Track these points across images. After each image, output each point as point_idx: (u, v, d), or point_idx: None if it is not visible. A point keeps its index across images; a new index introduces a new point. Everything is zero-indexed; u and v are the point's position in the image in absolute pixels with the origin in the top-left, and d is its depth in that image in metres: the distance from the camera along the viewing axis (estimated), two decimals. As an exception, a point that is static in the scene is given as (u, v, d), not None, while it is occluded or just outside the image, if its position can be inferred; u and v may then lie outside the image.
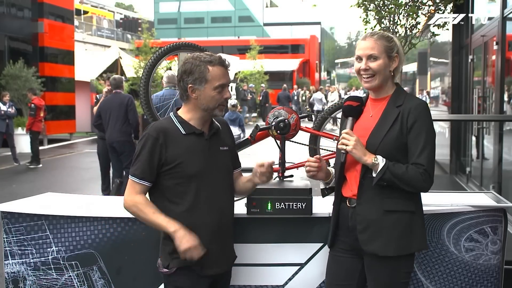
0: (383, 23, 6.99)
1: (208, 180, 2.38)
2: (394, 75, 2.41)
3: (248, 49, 29.74)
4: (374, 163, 2.26)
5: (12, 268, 2.82)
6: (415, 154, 2.25)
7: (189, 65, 2.36)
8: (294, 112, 3.08)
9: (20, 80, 15.10)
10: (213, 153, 2.43)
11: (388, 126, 2.30)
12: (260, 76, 28.06)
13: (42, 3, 17.18)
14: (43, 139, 15.78)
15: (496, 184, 6.70)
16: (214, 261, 2.40)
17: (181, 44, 3.29)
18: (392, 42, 2.37)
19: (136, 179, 2.35)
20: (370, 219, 2.31)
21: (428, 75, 17.59)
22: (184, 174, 2.34)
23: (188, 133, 2.38)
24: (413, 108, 2.29)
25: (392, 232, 2.28)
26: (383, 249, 2.29)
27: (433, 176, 2.27)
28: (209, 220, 2.37)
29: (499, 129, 6.73)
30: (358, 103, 2.45)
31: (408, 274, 2.37)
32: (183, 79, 2.37)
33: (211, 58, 2.37)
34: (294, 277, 2.84)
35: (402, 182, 2.24)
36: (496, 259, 2.84)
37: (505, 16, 6.48)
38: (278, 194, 2.72)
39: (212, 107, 2.39)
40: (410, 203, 2.31)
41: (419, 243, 2.34)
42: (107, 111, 7.26)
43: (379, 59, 2.34)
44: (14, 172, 11.17)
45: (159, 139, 2.32)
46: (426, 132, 2.26)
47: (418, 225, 2.34)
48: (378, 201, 2.30)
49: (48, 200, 3.13)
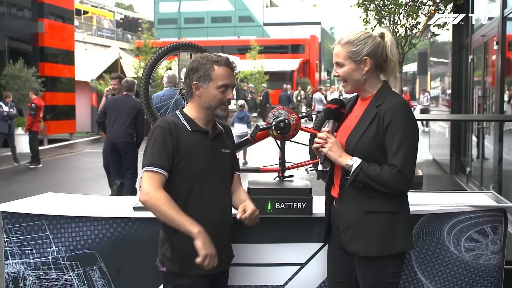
0: (383, 23, 6.99)
1: (210, 179, 2.40)
2: (386, 74, 2.37)
3: (248, 49, 29.75)
4: (348, 164, 2.26)
5: (12, 268, 2.82)
6: (391, 154, 2.22)
7: (196, 63, 2.40)
8: (294, 112, 3.08)
9: (20, 80, 15.11)
10: (216, 153, 2.45)
11: (365, 126, 2.28)
12: (260, 76, 28.07)
13: (42, 3, 17.18)
14: (43, 139, 15.79)
15: (496, 184, 6.71)
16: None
17: (181, 44, 3.29)
18: (359, 46, 2.30)
19: (155, 168, 2.28)
20: (351, 219, 2.32)
21: (428, 75, 17.59)
22: (190, 170, 2.35)
23: (194, 131, 2.40)
24: (389, 107, 2.24)
25: (372, 233, 2.27)
26: (364, 249, 2.28)
27: (411, 176, 2.22)
28: (210, 219, 2.38)
29: (499, 129, 6.73)
30: (336, 106, 2.46)
31: (396, 274, 2.33)
32: (189, 76, 2.41)
33: (218, 58, 2.41)
34: (294, 277, 2.84)
35: (377, 184, 2.22)
36: (496, 259, 2.83)
37: (505, 16, 6.48)
38: (278, 194, 2.72)
39: (214, 106, 2.40)
40: (391, 203, 2.27)
41: (402, 244, 2.29)
42: (114, 111, 7.18)
43: (344, 66, 2.33)
44: (14, 172, 11.18)
45: (171, 130, 2.34)
46: (402, 132, 2.21)
47: (401, 226, 2.29)
48: (358, 202, 2.29)
49: (48, 200, 3.13)
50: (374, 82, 2.37)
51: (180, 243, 2.35)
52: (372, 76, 2.36)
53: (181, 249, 2.35)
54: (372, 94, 2.36)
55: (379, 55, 2.33)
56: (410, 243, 2.33)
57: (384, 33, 2.37)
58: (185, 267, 2.36)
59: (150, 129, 2.50)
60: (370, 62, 2.31)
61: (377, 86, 2.36)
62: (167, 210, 2.24)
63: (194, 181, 2.37)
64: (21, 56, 15.77)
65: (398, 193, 2.26)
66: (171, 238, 2.37)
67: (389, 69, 2.36)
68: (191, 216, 2.31)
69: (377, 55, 2.33)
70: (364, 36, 2.33)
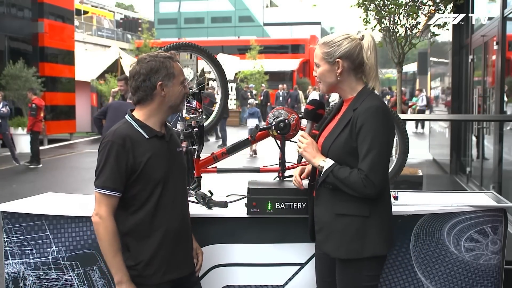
0: (383, 23, 6.99)
1: (171, 183, 2.34)
2: (364, 76, 2.35)
3: (248, 49, 29.76)
4: (320, 165, 2.28)
5: (12, 268, 2.82)
6: (360, 159, 2.21)
7: (153, 63, 2.28)
8: (294, 112, 3.08)
9: (20, 80, 15.09)
10: (172, 155, 2.39)
11: (340, 129, 2.29)
12: (260, 76, 28.06)
13: (42, 3, 17.18)
14: (43, 139, 15.79)
15: (496, 184, 6.71)
16: (177, 265, 2.37)
17: (181, 44, 3.29)
18: (332, 47, 2.30)
19: (107, 192, 2.20)
20: (324, 221, 2.34)
21: (428, 75, 17.60)
22: (150, 179, 2.26)
23: (151, 137, 2.30)
24: (362, 111, 2.22)
25: (342, 236, 2.27)
26: (335, 251, 2.30)
27: (380, 181, 2.18)
28: (173, 224, 2.34)
29: (499, 129, 6.73)
30: (313, 107, 2.50)
31: (372, 277, 2.31)
32: (149, 78, 2.27)
33: (170, 54, 2.36)
34: (294, 277, 2.84)
35: (345, 186, 2.21)
36: (496, 259, 2.83)
37: (505, 16, 6.48)
38: (278, 194, 2.72)
39: (179, 102, 2.37)
40: (363, 207, 2.25)
41: (373, 248, 2.26)
42: (116, 114, 7.17)
43: (320, 67, 2.35)
44: (14, 172, 11.17)
45: (125, 146, 2.22)
46: (372, 137, 2.18)
47: (374, 230, 2.27)
48: (331, 204, 2.30)
49: (48, 200, 3.13)
50: (353, 83, 2.36)
51: (140, 252, 2.30)
52: (350, 78, 2.35)
53: (140, 258, 2.30)
54: (351, 96, 2.36)
55: (354, 58, 2.31)
56: (382, 248, 2.29)
57: (364, 35, 2.35)
58: (146, 275, 2.30)
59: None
60: (343, 64, 2.31)
61: (357, 89, 2.36)
62: (107, 246, 2.21)
63: (156, 188, 2.28)
64: (21, 56, 15.76)
65: (366, 198, 2.23)
66: (130, 247, 2.31)
67: (366, 72, 2.35)
68: (155, 222, 2.28)
69: (352, 57, 2.31)
70: (340, 38, 2.32)
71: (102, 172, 2.22)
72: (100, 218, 2.21)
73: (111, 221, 2.22)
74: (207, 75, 17.76)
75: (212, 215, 2.81)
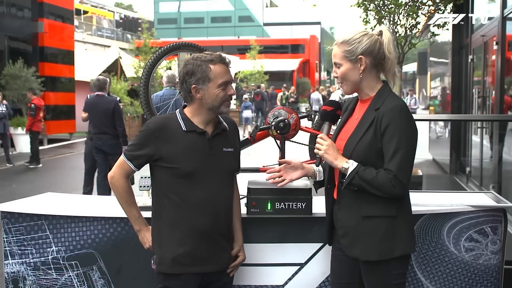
0: (383, 23, 6.98)
1: (203, 181, 2.35)
2: (384, 72, 2.33)
3: (248, 49, 29.79)
4: (344, 167, 2.24)
5: (12, 268, 2.82)
6: (387, 159, 2.19)
7: (190, 66, 2.35)
8: (294, 112, 3.08)
9: (20, 80, 15.08)
10: (214, 153, 2.40)
11: (363, 130, 2.25)
12: (260, 76, 28.09)
13: (42, 3, 17.17)
14: (43, 139, 15.78)
15: (496, 184, 6.71)
16: (203, 261, 2.37)
17: (181, 44, 3.29)
18: (353, 45, 2.27)
19: (125, 159, 2.40)
20: (349, 225, 2.30)
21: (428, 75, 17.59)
22: (180, 171, 2.32)
23: (189, 131, 2.36)
24: (387, 111, 2.19)
25: (371, 238, 2.24)
26: (364, 254, 2.27)
27: (407, 181, 2.18)
28: (203, 222, 2.34)
29: (499, 129, 6.73)
30: (332, 108, 2.45)
31: (401, 275, 2.32)
32: (185, 80, 2.36)
33: (211, 57, 2.38)
34: (294, 277, 2.84)
35: (372, 188, 2.19)
36: (496, 259, 2.83)
37: (505, 16, 6.48)
38: (278, 194, 2.71)
39: (217, 105, 2.38)
40: (390, 207, 2.24)
41: (403, 247, 2.26)
42: (93, 115, 7.21)
43: (341, 66, 2.31)
44: (14, 172, 11.17)
45: (155, 133, 2.34)
46: (399, 136, 2.16)
47: (402, 229, 2.26)
48: (356, 207, 2.27)
49: (48, 200, 3.13)
50: (373, 82, 2.33)
51: (169, 244, 2.35)
52: (371, 75, 2.31)
53: (169, 249, 2.34)
54: (371, 96, 2.32)
55: (375, 53, 2.28)
56: (411, 247, 2.30)
57: (382, 31, 2.32)
58: (174, 267, 2.34)
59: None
60: (365, 61, 2.28)
61: (376, 88, 2.33)
62: (122, 201, 2.45)
63: (187, 182, 2.33)
64: (21, 56, 15.74)
65: (393, 198, 2.22)
66: (160, 238, 2.38)
67: (387, 68, 2.32)
68: (182, 215, 2.33)
69: (374, 53, 2.28)
70: (359, 35, 2.30)
71: (132, 143, 2.44)
72: (114, 175, 2.43)
73: (123, 180, 2.42)
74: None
75: (212, 215, 2.81)
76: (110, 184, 2.44)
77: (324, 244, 2.80)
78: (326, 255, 2.79)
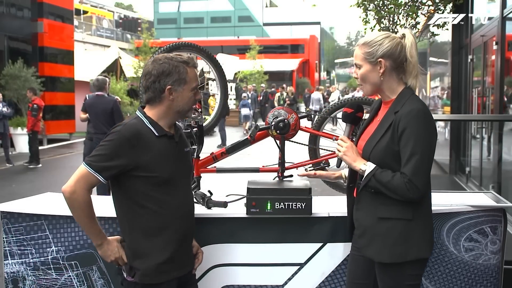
0: (382, 23, 6.98)
1: (179, 184, 2.33)
2: (405, 75, 2.32)
3: (248, 49, 29.80)
4: (362, 169, 2.26)
5: (11, 268, 2.81)
6: (403, 163, 2.19)
7: (166, 65, 2.25)
8: (294, 112, 3.08)
9: (19, 80, 15.08)
10: (181, 155, 2.38)
11: (382, 133, 2.26)
12: (259, 76, 28.08)
13: (41, 3, 17.17)
14: (43, 139, 15.78)
15: (495, 184, 6.71)
16: (182, 264, 2.37)
17: (181, 44, 3.29)
18: (374, 47, 2.27)
19: (91, 171, 2.19)
20: (366, 225, 2.32)
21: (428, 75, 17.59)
22: (158, 179, 2.24)
23: (161, 136, 2.28)
24: (404, 114, 2.19)
25: (386, 240, 2.25)
26: (378, 255, 2.28)
27: (423, 185, 2.17)
28: (181, 224, 2.34)
29: (499, 129, 6.73)
30: (352, 110, 2.46)
31: (415, 276, 2.31)
32: (160, 80, 2.25)
33: (186, 59, 2.30)
34: (293, 277, 2.84)
35: (388, 190, 2.20)
36: (495, 259, 2.84)
37: (505, 16, 6.48)
38: (277, 194, 2.71)
39: (187, 109, 2.34)
40: (406, 210, 2.23)
41: (417, 251, 2.25)
42: (92, 115, 7.22)
43: (362, 67, 2.31)
44: (14, 172, 11.17)
45: (131, 141, 2.20)
46: (415, 140, 2.16)
47: (418, 233, 2.26)
48: (373, 208, 2.28)
49: (48, 200, 3.13)
50: (394, 85, 2.32)
51: (150, 254, 2.28)
52: (391, 78, 2.31)
53: (152, 259, 2.28)
54: (392, 98, 2.32)
55: (396, 56, 2.28)
56: (426, 251, 2.29)
57: (405, 34, 2.32)
58: (159, 277, 2.29)
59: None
60: (385, 64, 2.27)
61: (398, 90, 2.32)
62: (83, 216, 2.25)
63: (164, 188, 2.27)
64: (21, 56, 15.74)
65: (410, 201, 2.21)
66: (138, 249, 2.30)
67: (408, 71, 2.31)
68: (162, 221, 2.27)
69: (394, 56, 2.27)
70: (381, 37, 2.29)
71: (97, 152, 2.22)
72: (74, 192, 2.21)
73: (86, 194, 2.22)
74: (206, 75, 17.75)
75: (212, 215, 2.82)
76: (70, 200, 2.22)
77: (324, 244, 2.80)
78: (326, 255, 2.79)
